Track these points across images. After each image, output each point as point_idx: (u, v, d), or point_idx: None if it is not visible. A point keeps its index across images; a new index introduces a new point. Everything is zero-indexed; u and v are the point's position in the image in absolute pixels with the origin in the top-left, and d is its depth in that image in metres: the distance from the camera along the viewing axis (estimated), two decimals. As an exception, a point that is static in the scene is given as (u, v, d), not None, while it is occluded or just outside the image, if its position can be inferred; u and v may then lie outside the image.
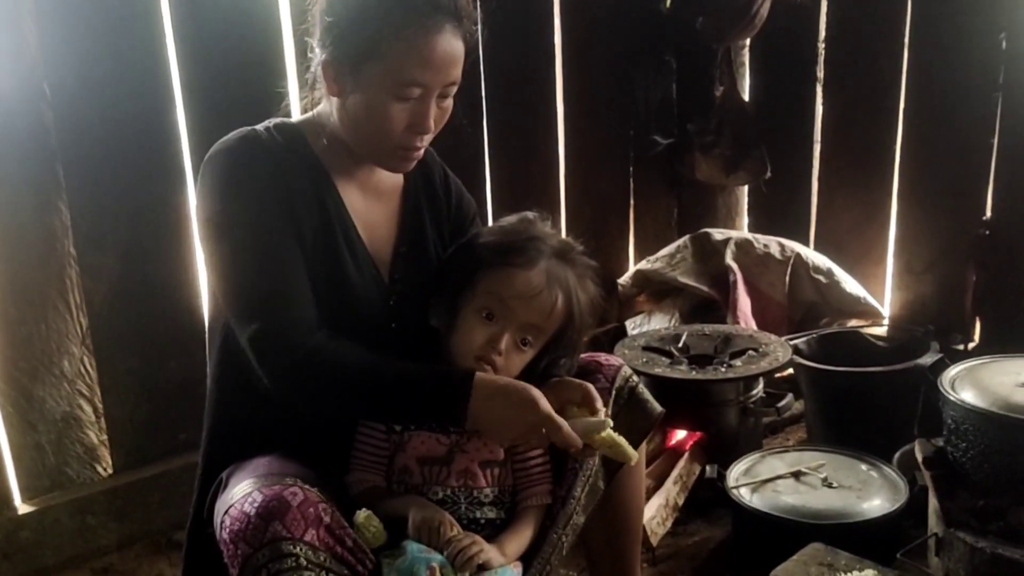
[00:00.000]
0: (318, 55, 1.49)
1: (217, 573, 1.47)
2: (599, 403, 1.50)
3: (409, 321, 1.60)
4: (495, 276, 1.52)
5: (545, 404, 1.41)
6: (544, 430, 1.41)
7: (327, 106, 1.54)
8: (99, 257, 2.28)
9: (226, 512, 1.33)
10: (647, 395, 1.68)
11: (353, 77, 1.45)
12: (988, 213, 2.88)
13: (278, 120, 1.57)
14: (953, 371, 2.03)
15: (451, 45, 1.45)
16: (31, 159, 2.16)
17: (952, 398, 1.93)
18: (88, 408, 2.33)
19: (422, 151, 1.54)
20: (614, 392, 1.63)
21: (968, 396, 1.92)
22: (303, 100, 1.63)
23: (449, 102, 1.52)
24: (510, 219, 1.64)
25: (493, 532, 1.52)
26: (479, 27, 1.54)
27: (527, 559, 1.54)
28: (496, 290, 1.51)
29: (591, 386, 1.52)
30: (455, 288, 1.54)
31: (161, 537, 2.38)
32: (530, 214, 1.63)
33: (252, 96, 2.14)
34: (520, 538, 1.53)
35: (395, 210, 1.65)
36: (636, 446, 1.65)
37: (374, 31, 1.42)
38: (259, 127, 1.54)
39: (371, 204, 1.61)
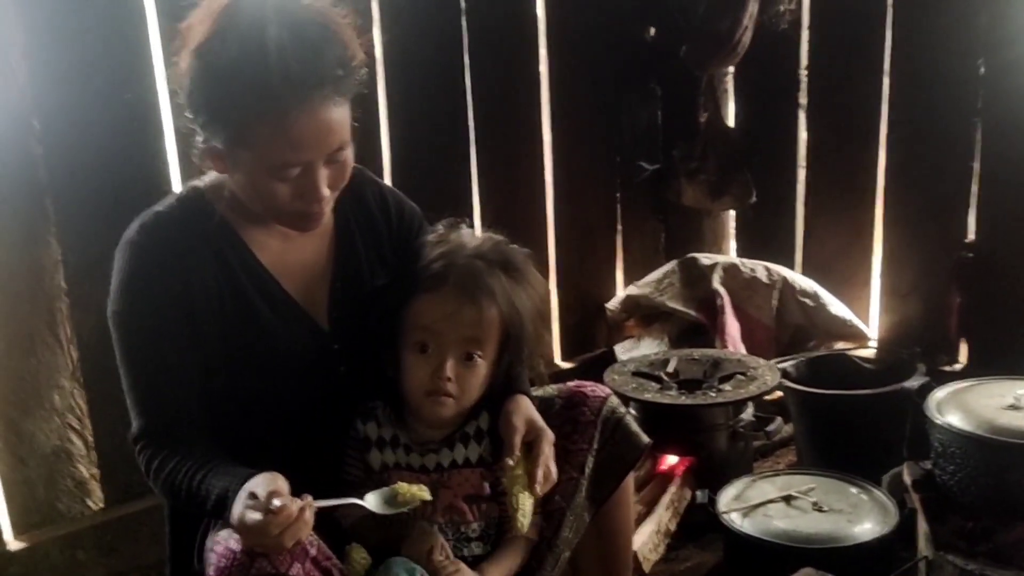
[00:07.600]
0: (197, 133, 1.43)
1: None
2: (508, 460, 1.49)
3: (359, 362, 1.57)
4: (413, 308, 1.51)
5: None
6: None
7: None
8: (89, 290, 2.26)
9: (213, 549, 1.34)
10: (633, 427, 1.67)
11: (230, 161, 1.41)
12: (971, 236, 2.91)
13: (189, 186, 1.55)
14: (939, 394, 2.05)
15: (321, 119, 1.35)
16: (20, 193, 2.16)
17: (938, 421, 1.95)
18: (79, 442, 2.32)
19: (327, 209, 1.47)
20: (600, 424, 1.63)
21: (954, 419, 1.94)
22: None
23: (345, 155, 1.43)
24: (428, 240, 1.58)
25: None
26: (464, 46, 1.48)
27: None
28: (418, 321, 1.50)
29: (546, 445, 1.51)
30: (390, 335, 1.53)
31: (152, 572, 2.36)
32: (441, 226, 1.60)
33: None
34: (503, 568, 1.53)
35: (327, 248, 1.59)
36: (622, 478, 1.67)
37: (236, 121, 1.35)
38: (162, 206, 1.52)
39: (296, 250, 1.55)
